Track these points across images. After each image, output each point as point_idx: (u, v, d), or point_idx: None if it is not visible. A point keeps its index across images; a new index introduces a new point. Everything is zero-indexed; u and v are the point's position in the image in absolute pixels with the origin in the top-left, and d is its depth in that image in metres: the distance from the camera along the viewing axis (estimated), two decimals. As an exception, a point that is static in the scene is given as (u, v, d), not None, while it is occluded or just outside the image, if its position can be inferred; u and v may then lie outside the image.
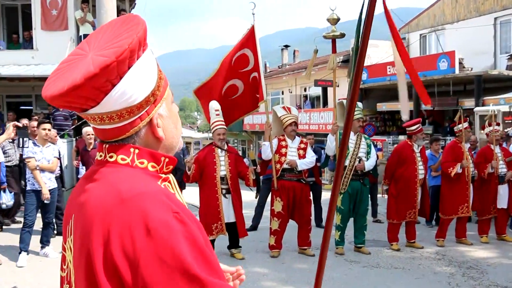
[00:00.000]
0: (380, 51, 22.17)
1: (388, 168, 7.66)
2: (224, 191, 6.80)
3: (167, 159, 1.24)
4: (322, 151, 10.35)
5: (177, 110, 1.35)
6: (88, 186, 1.19)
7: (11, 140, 8.48)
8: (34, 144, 6.74)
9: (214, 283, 1.07)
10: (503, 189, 8.07)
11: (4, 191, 8.34)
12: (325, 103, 23.72)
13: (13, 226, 8.46)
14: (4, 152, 8.01)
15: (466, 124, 7.88)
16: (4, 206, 8.77)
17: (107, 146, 1.22)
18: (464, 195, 7.71)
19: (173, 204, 1.11)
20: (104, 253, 1.06)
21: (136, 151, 1.20)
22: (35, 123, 7.60)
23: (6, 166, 8.22)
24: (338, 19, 7.31)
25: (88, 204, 1.14)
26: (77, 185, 1.26)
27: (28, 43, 13.58)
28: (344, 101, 7.80)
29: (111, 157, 1.20)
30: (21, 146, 6.34)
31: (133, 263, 1.04)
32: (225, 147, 6.97)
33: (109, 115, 1.16)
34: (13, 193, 9.04)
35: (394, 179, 7.61)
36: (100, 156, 1.23)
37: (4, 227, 8.46)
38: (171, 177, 1.25)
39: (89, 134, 8.18)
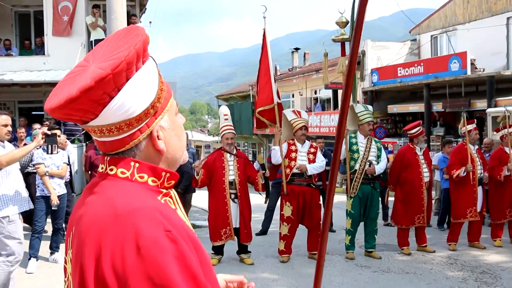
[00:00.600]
0: (390, 52, 22.08)
1: (392, 173, 7.60)
2: (233, 196, 6.78)
3: (168, 174, 1.22)
4: (332, 154, 10.30)
5: (183, 122, 1.32)
6: (88, 199, 1.19)
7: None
8: (44, 150, 6.77)
9: None
10: (518, 192, 7.94)
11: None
12: (336, 106, 23.63)
13: (23, 232, 8.48)
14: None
15: (471, 126, 7.77)
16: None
17: (108, 158, 1.21)
18: (472, 198, 7.60)
19: (168, 221, 1.08)
20: (95, 269, 1.05)
21: (137, 165, 1.19)
22: (45, 129, 7.63)
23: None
24: (347, 22, 7.27)
25: (84, 218, 1.14)
26: (80, 197, 1.27)
27: (40, 49, 13.70)
28: (354, 104, 7.76)
29: (111, 170, 1.20)
30: (49, 152, 6.37)
31: (122, 281, 1.02)
32: (234, 151, 6.96)
33: (108, 127, 1.16)
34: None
35: (399, 184, 7.54)
36: (102, 168, 1.23)
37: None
38: (172, 192, 1.24)
39: None
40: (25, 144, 9.35)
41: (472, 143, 7.78)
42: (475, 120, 7.99)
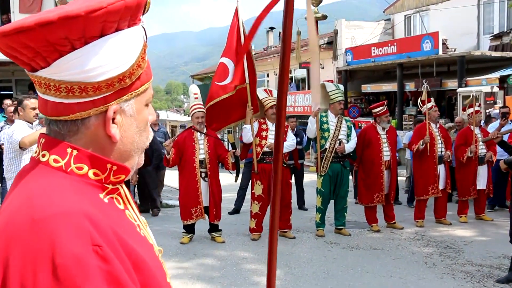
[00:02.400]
0: (364, 32, 22.14)
1: (356, 152, 7.70)
2: (203, 175, 6.79)
3: (115, 167, 0.99)
4: (304, 133, 10.36)
5: (153, 119, 1.10)
6: (14, 191, 0.96)
7: None
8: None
9: None
10: (482, 170, 8.15)
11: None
12: (310, 85, 23.68)
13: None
14: None
15: (430, 104, 7.90)
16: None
17: (43, 140, 0.99)
18: (433, 175, 7.77)
19: (99, 232, 0.86)
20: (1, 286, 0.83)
21: (75, 152, 0.96)
22: (12, 108, 7.49)
23: None
24: (321, 1, 7.27)
25: (2, 215, 0.91)
26: (11, 186, 1.01)
27: (6, 27, 13.35)
28: (326, 83, 7.80)
29: (43, 155, 0.96)
30: None
31: None
32: (204, 130, 6.94)
33: (58, 84, 0.93)
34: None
35: (362, 162, 7.68)
36: (35, 152, 0.99)
37: None
38: (122, 188, 1.03)
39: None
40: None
41: (432, 120, 7.91)
42: (431, 99, 8.09)
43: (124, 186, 1.05)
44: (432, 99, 8.14)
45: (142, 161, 1.11)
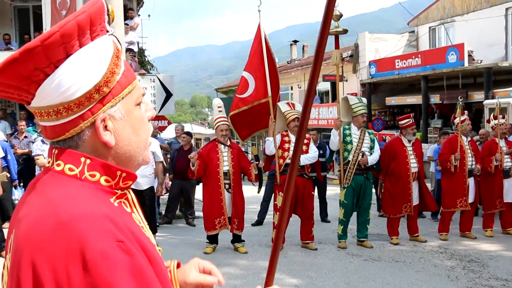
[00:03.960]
0: (388, 44, 22.11)
1: (380, 164, 7.70)
2: (227, 186, 6.92)
3: (124, 174, 1.08)
4: (327, 146, 10.41)
5: (150, 115, 1.17)
6: (30, 198, 1.04)
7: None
8: (43, 141, 6.91)
9: None
10: (508, 183, 8.06)
11: (16, 188, 8.57)
12: (334, 98, 23.67)
13: None
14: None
15: (463, 117, 7.87)
16: (16, 202, 9.01)
17: (56, 152, 1.06)
18: (462, 189, 7.72)
19: (119, 231, 0.95)
20: (33, 285, 0.91)
21: (88, 161, 1.04)
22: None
23: None
24: (341, 15, 7.36)
25: (23, 222, 0.99)
26: (23, 195, 1.10)
27: (39, 43, 13.82)
28: (349, 96, 7.86)
29: (58, 165, 1.04)
30: None
31: None
32: (228, 143, 7.07)
33: (46, 110, 1.02)
34: (24, 189, 9.28)
35: (388, 174, 7.68)
36: (49, 162, 1.07)
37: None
38: (129, 193, 1.12)
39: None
40: (25, 137, 9.54)
41: (464, 134, 7.88)
42: (465, 112, 8.05)
43: (131, 191, 1.13)
44: (466, 112, 8.10)
45: (148, 158, 1.17)
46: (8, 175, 6.55)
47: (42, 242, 0.92)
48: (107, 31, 1.06)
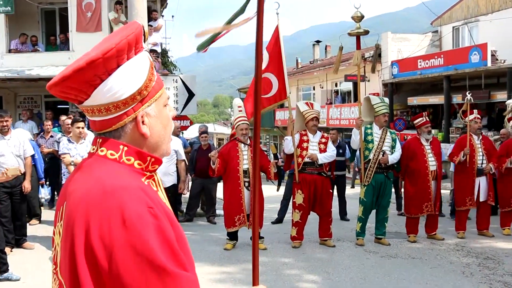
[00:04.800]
0: (411, 44, 22.04)
1: (401, 163, 7.77)
2: (246, 184, 7.10)
3: (153, 159, 1.34)
4: (347, 145, 10.53)
5: (173, 115, 1.45)
6: (78, 176, 1.32)
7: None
8: (69, 141, 7.18)
9: (177, 273, 1.18)
10: (525, 182, 8.07)
11: (43, 186, 8.88)
12: (356, 98, 23.65)
13: (51, 218, 8.94)
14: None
15: (472, 116, 7.90)
16: (43, 200, 9.33)
17: (100, 140, 1.33)
18: (470, 187, 7.78)
19: (150, 199, 1.22)
20: (85, 239, 1.18)
21: (125, 148, 1.31)
22: (69, 121, 8.06)
23: None
24: (363, 17, 7.47)
25: (75, 194, 1.26)
26: (71, 174, 1.39)
27: (64, 45, 14.17)
28: (371, 96, 7.96)
29: (102, 151, 1.31)
30: None
31: (108, 249, 1.15)
32: (248, 141, 7.26)
33: (98, 108, 1.29)
34: (50, 187, 9.60)
35: (407, 174, 7.76)
36: (93, 149, 1.35)
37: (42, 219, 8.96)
38: (156, 175, 1.38)
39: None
40: (51, 136, 9.87)
41: (474, 132, 7.92)
42: (474, 111, 8.07)
43: (158, 174, 1.40)
44: (475, 111, 8.13)
45: (170, 150, 1.47)
46: (22, 170, 6.84)
47: (92, 206, 1.20)
48: (142, 47, 1.35)
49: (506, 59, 17.50)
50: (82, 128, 7.20)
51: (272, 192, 8.79)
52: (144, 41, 1.32)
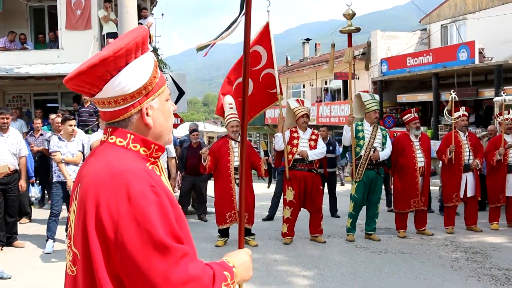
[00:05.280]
0: (400, 42, 22.17)
1: (390, 160, 7.84)
2: (237, 181, 7.12)
3: (156, 147, 1.53)
4: (337, 142, 10.59)
5: (173, 109, 1.64)
6: (91, 161, 1.52)
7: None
8: (59, 139, 7.16)
9: (173, 245, 1.34)
10: None
11: (33, 185, 8.84)
12: (346, 96, 23.79)
13: (41, 216, 8.91)
14: None
15: (458, 113, 7.99)
16: (33, 199, 9.30)
17: (110, 130, 1.52)
18: (457, 183, 7.88)
19: (152, 180, 1.40)
20: (95, 214, 1.36)
21: (132, 136, 1.49)
22: (59, 119, 8.04)
23: None
24: (354, 14, 7.52)
25: (88, 176, 1.46)
26: (85, 160, 1.60)
27: (53, 43, 14.09)
28: (361, 93, 8.02)
29: (111, 139, 1.50)
30: None
31: (115, 222, 1.33)
32: (239, 138, 7.28)
33: (108, 100, 1.47)
34: (40, 186, 9.56)
35: (396, 170, 7.83)
36: (104, 137, 1.54)
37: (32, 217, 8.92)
38: (159, 161, 1.56)
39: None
40: (41, 135, 9.83)
41: (460, 129, 8.02)
42: (459, 108, 8.15)
43: (161, 161, 1.58)
44: (461, 108, 8.22)
45: (171, 140, 1.68)
46: (12, 168, 6.87)
47: (102, 185, 1.39)
48: (148, 48, 1.54)
49: (493, 56, 17.67)
50: (74, 125, 7.21)
51: (263, 190, 8.82)
52: (150, 43, 1.55)
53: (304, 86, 28.95)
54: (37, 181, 9.51)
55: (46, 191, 10.04)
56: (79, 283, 1.44)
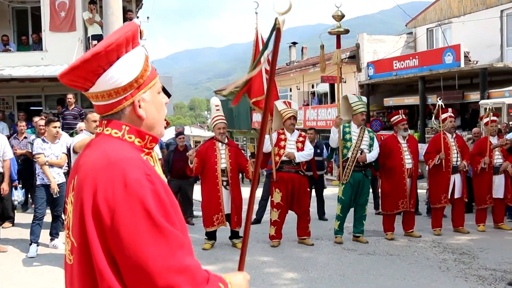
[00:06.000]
0: (386, 46, 22.27)
1: (378, 161, 7.84)
2: (224, 183, 7.06)
3: (150, 138, 1.56)
4: (324, 145, 10.57)
5: (165, 102, 1.66)
6: (88, 152, 1.54)
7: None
8: (43, 141, 7.04)
9: (169, 229, 1.37)
10: (498, 179, 8.25)
11: (16, 188, 8.69)
12: (333, 99, 23.84)
13: (24, 220, 8.76)
14: None
15: (446, 115, 8.02)
16: (16, 202, 9.13)
17: (105, 122, 1.55)
18: (445, 185, 7.90)
19: (147, 168, 1.44)
20: (92, 201, 1.38)
21: (127, 128, 1.53)
22: (42, 122, 7.92)
23: None
24: (343, 16, 7.52)
25: (84, 166, 1.49)
26: (82, 151, 1.61)
27: (37, 45, 13.93)
28: (349, 95, 8.00)
29: (107, 130, 1.54)
30: None
31: (112, 209, 1.35)
32: (226, 140, 7.22)
33: (101, 94, 1.50)
34: (24, 189, 9.40)
35: (384, 171, 7.83)
36: (99, 129, 1.57)
37: (15, 221, 8.76)
38: (153, 152, 1.60)
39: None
40: (25, 138, 9.68)
41: (448, 131, 8.03)
42: (448, 109, 8.20)
43: (155, 152, 1.61)
44: (449, 109, 8.25)
45: (163, 132, 1.68)
46: None
47: (99, 174, 1.41)
48: (139, 43, 1.57)
49: (478, 60, 17.83)
50: (59, 127, 7.09)
51: (248, 194, 8.75)
52: (140, 38, 1.52)
53: (291, 90, 28.96)
54: (20, 185, 9.36)
55: (30, 195, 9.88)
56: (74, 271, 1.47)
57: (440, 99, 8.24)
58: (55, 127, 6.99)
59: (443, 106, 8.04)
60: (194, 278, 1.38)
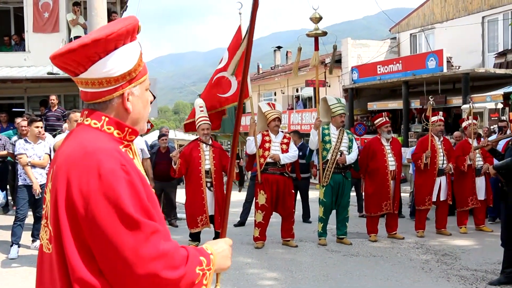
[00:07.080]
0: (370, 50, 22.44)
1: (360, 163, 7.89)
2: (208, 184, 7.04)
3: (130, 130, 1.57)
4: (309, 148, 10.57)
5: (151, 99, 1.69)
6: (66, 142, 1.56)
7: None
8: (26, 141, 6.96)
9: (143, 221, 1.37)
10: (480, 181, 8.36)
11: (-4, 190, 8.54)
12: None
13: (5, 222, 8.63)
14: None
15: (436, 118, 8.12)
16: (-4, 204, 8.98)
17: (86, 112, 1.56)
18: (430, 187, 7.98)
19: (124, 159, 1.44)
20: (66, 191, 1.40)
21: (106, 119, 1.53)
22: (24, 123, 7.83)
23: None
24: (321, 18, 7.54)
25: (61, 156, 1.50)
26: (63, 141, 1.62)
27: (19, 46, 13.77)
28: (328, 97, 8.04)
29: (86, 121, 1.55)
30: None
31: (86, 199, 1.37)
32: (210, 142, 7.21)
33: (92, 80, 1.51)
34: (5, 191, 9.25)
35: (368, 173, 7.88)
36: (80, 119, 1.59)
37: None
38: (132, 145, 1.61)
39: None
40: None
41: (435, 133, 8.12)
42: (439, 112, 8.30)
43: (134, 145, 1.63)
44: (440, 113, 8.34)
45: (145, 128, 1.72)
46: None
47: (74, 163, 1.43)
48: (136, 37, 1.59)
49: (460, 65, 18.06)
50: (41, 127, 7.01)
51: (234, 196, 8.70)
52: (138, 33, 1.66)
53: (275, 94, 29.02)
54: (1, 187, 9.21)
55: (11, 198, 9.74)
56: (53, 260, 1.47)
57: (431, 98, 8.34)
58: (37, 127, 6.92)
59: (434, 105, 8.12)
60: (172, 261, 1.39)
